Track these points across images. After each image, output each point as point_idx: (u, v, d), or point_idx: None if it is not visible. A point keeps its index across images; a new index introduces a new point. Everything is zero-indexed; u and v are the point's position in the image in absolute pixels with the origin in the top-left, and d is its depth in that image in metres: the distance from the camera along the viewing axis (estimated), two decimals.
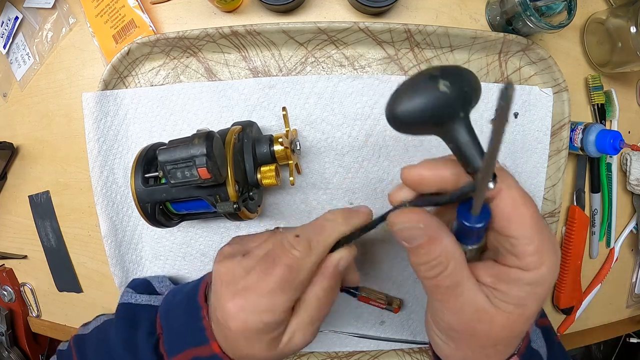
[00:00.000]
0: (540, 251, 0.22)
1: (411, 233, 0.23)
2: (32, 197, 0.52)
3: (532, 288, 0.23)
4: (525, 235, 0.22)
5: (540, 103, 0.46)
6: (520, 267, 0.23)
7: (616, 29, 0.44)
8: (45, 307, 0.55)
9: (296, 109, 0.45)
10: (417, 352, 0.48)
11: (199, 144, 0.32)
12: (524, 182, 0.47)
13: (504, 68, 0.46)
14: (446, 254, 0.23)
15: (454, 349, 0.26)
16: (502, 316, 0.23)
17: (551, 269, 0.23)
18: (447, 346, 0.26)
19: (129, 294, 0.42)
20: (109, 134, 0.46)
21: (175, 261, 0.47)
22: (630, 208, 0.53)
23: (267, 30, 0.42)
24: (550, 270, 0.23)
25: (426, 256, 0.23)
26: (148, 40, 0.43)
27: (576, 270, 0.50)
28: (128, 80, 0.46)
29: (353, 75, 0.45)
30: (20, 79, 0.50)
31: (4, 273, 0.54)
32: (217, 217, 0.44)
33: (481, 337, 0.24)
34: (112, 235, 0.46)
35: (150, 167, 0.38)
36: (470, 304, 0.23)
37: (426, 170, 0.24)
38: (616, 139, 0.43)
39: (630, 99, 0.51)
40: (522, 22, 0.41)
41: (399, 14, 0.46)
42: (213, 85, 0.45)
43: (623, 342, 0.73)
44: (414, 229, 0.23)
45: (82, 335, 0.39)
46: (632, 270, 0.55)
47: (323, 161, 0.45)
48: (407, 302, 0.48)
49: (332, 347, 0.48)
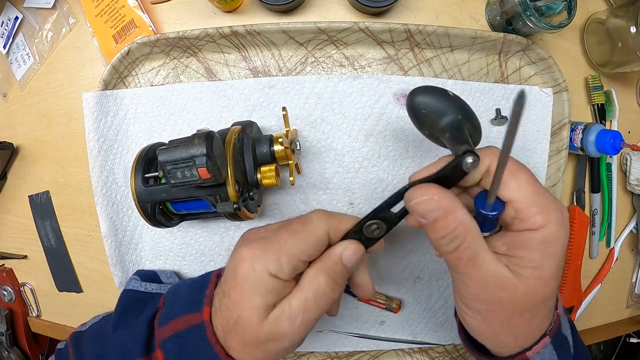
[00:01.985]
0: (544, 210, 0.24)
1: (427, 206, 0.25)
2: (32, 197, 0.52)
3: (545, 247, 0.24)
4: (525, 196, 0.24)
5: (540, 103, 0.46)
6: (528, 228, 0.24)
7: (616, 29, 0.44)
8: (45, 307, 0.55)
9: (296, 109, 0.45)
10: (417, 352, 0.48)
11: (199, 144, 0.32)
12: None
13: (504, 68, 0.46)
14: (463, 226, 0.24)
15: (483, 323, 0.27)
16: (522, 281, 0.25)
17: (559, 224, 0.24)
18: (477, 322, 0.27)
19: (137, 282, 0.42)
20: (109, 134, 0.46)
21: (175, 261, 0.47)
22: (630, 208, 0.53)
23: (267, 30, 0.42)
24: (559, 226, 0.24)
25: (443, 230, 0.25)
26: (148, 40, 0.43)
27: (576, 270, 0.50)
28: (128, 80, 0.46)
29: (353, 75, 0.45)
30: (20, 79, 0.50)
31: (4, 273, 0.54)
32: (217, 217, 0.44)
33: (507, 305, 0.25)
34: (112, 235, 0.46)
35: (150, 167, 0.38)
36: (491, 274, 0.25)
37: (429, 170, 0.27)
38: (616, 139, 0.43)
39: (630, 99, 0.51)
40: (522, 22, 0.41)
41: (399, 14, 0.46)
42: (213, 85, 0.45)
43: (623, 342, 0.73)
44: (429, 201, 0.25)
45: (79, 332, 0.39)
46: (632, 270, 0.55)
47: (323, 161, 0.45)
48: (407, 302, 0.48)
49: (332, 347, 0.48)
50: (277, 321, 0.27)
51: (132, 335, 0.33)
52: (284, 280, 0.28)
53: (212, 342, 0.29)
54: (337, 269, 0.28)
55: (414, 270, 0.47)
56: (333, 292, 0.28)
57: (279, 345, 0.28)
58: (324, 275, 0.28)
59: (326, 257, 0.29)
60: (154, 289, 0.42)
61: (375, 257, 0.47)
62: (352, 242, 0.29)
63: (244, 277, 0.27)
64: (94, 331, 0.38)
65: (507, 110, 0.46)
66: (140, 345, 0.32)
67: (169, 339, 0.31)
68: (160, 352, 0.31)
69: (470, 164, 0.24)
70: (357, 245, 0.29)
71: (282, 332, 0.27)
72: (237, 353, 0.29)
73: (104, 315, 0.40)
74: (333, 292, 0.28)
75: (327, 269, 0.28)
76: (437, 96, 0.30)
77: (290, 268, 0.27)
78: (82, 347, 0.36)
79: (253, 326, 0.27)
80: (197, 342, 0.29)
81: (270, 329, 0.27)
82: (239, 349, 0.28)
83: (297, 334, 0.28)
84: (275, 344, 0.28)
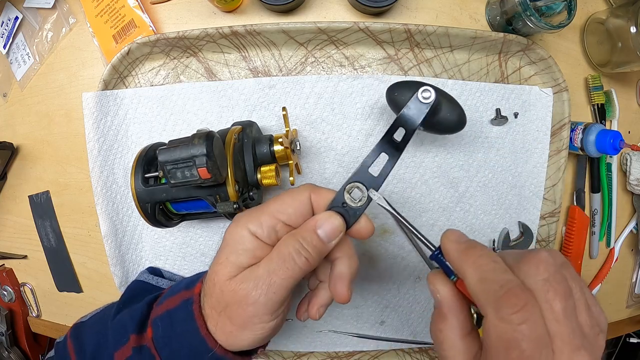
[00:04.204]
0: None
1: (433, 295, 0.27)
2: (32, 197, 0.52)
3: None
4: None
5: (540, 103, 0.46)
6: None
7: (616, 29, 0.44)
8: (45, 307, 0.55)
9: (296, 109, 0.45)
10: (417, 352, 0.48)
11: (199, 144, 0.32)
12: (524, 182, 0.47)
13: (504, 68, 0.46)
14: (447, 337, 0.25)
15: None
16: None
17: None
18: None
19: (147, 275, 0.42)
20: (109, 134, 0.46)
21: (175, 261, 0.47)
22: (630, 208, 0.53)
23: (267, 30, 0.42)
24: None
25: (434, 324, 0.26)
26: (148, 40, 0.43)
27: (576, 271, 0.50)
28: (128, 80, 0.46)
29: (353, 75, 0.45)
30: (20, 79, 0.50)
31: (4, 273, 0.54)
32: (217, 217, 0.44)
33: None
34: (112, 235, 0.46)
35: (150, 167, 0.38)
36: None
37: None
38: (616, 139, 0.43)
39: (630, 99, 0.51)
40: (522, 22, 0.41)
41: (399, 14, 0.46)
42: (213, 85, 0.45)
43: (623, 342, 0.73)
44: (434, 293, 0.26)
45: (80, 323, 0.38)
46: (632, 270, 0.55)
47: (323, 161, 0.45)
48: (407, 302, 0.48)
49: (332, 347, 0.48)
50: (242, 280, 0.27)
51: (131, 313, 0.33)
52: (262, 242, 0.28)
53: (195, 315, 0.29)
54: (309, 236, 0.28)
55: (414, 270, 0.47)
56: (299, 257, 0.27)
57: (242, 312, 0.27)
58: (294, 240, 0.28)
59: (303, 225, 0.29)
60: (164, 284, 0.42)
61: (376, 257, 0.47)
62: (331, 213, 0.28)
63: (228, 235, 0.29)
64: (94, 320, 0.38)
65: (507, 110, 0.46)
66: (137, 322, 0.32)
67: (160, 316, 0.31)
68: (150, 329, 0.31)
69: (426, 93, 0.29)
70: (334, 217, 0.28)
71: (245, 293, 0.27)
72: (211, 322, 0.29)
73: (105, 306, 0.40)
74: (299, 258, 0.27)
75: (297, 235, 0.28)
76: (406, 83, 0.38)
77: (268, 228, 0.28)
78: (82, 337, 0.36)
79: (221, 282, 0.27)
80: (183, 317, 0.29)
81: (235, 287, 0.27)
82: (210, 315, 0.28)
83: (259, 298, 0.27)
84: (239, 309, 0.27)
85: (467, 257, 0.24)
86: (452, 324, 0.25)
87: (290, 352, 0.48)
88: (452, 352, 0.25)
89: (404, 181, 0.46)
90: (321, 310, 0.32)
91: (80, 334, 0.36)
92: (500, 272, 0.23)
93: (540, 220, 0.47)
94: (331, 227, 0.28)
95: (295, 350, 0.48)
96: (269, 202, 0.29)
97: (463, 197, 0.46)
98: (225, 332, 0.28)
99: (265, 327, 0.28)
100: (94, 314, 0.39)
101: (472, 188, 0.46)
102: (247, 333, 0.28)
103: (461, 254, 0.25)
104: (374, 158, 0.29)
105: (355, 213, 0.29)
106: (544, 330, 0.21)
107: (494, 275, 0.22)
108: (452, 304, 0.25)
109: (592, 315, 0.23)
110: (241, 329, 0.28)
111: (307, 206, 0.29)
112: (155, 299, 0.34)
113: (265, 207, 0.29)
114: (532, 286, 0.22)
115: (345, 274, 0.30)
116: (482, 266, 0.23)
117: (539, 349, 0.20)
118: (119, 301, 0.38)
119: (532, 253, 0.23)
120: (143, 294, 0.38)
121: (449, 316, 0.25)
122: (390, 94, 0.39)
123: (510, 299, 0.21)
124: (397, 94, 0.38)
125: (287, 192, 0.30)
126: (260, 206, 0.29)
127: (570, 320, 0.21)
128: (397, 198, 0.46)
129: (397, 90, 0.39)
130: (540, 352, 0.20)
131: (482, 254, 0.24)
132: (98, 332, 0.35)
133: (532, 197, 0.47)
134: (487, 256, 0.24)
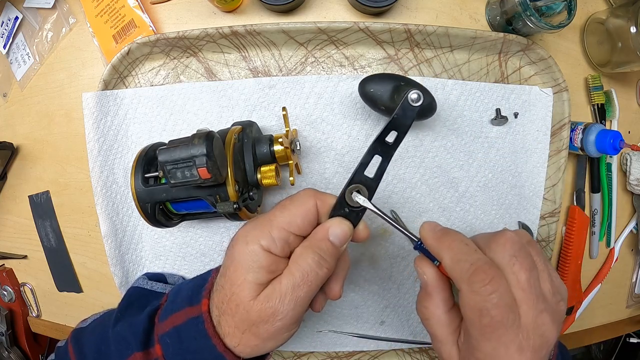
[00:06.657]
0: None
1: (420, 277, 0.30)
2: (32, 197, 0.52)
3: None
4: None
5: (540, 103, 0.46)
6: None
7: (616, 29, 0.44)
8: (45, 307, 0.55)
9: (296, 109, 0.45)
10: (417, 352, 0.48)
11: (199, 144, 0.32)
12: (524, 182, 0.47)
13: (504, 68, 0.46)
14: (432, 313, 0.29)
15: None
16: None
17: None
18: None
19: (144, 280, 0.42)
20: (109, 134, 0.46)
21: (175, 261, 0.47)
22: (630, 208, 0.53)
23: (267, 30, 0.42)
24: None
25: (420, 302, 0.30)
26: (148, 40, 0.43)
27: (576, 270, 0.50)
28: (128, 80, 0.46)
29: (353, 75, 0.45)
30: (20, 79, 0.50)
31: (4, 273, 0.54)
32: (217, 217, 0.44)
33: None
34: (112, 235, 0.46)
35: (150, 167, 0.38)
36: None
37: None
38: (616, 139, 0.43)
39: (630, 99, 0.51)
40: (522, 22, 0.41)
41: (399, 14, 0.46)
42: (213, 85, 0.45)
43: (623, 342, 0.73)
44: (421, 275, 0.30)
45: (80, 329, 0.39)
46: (632, 270, 0.55)
47: (323, 161, 0.45)
48: (407, 302, 0.48)
49: (332, 347, 0.48)
50: (267, 299, 0.27)
51: (132, 328, 0.33)
52: (276, 256, 0.28)
53: (209, 333, 0.29)
54: (324, 245, 0.28)
55: (414, 270, 0.47)
56: (320, 269, 0.28)
57: (270, 328, 0.27)
58: (311, 252, 0.28)
59: (313, 234, 0.29)
60: (160, 288, 0.42)
61: (376, 257, 0.47)
62: (340, 219, 0.29)
63: (238, 254, 0.28)
64: (95, 326, 0.38)
65: (507, 110, 0.46)
66: (140, 339, 0.32)
67: (167, 333, 0.31)
68: (159, 346, 0.31)
69: (414, 96, 0.29)
70: (343, 222, 0.29)
71: (273, 310, 0.27)
72: (232, 340, 0.28)
73: (105, 311, 0.40)
74: (321, 270, 0.28)
75: (313, 246, 0.28)
76: (379, 76, 0.40)
77: (281, 241, 0.28)
78: (83, 342, 0.36)
79: (245, 303, 0.27)
80: (195, 335, 0.29)
81: (261, 307, 0.27)
82: (232, 334, 0.28)
83: (288, 314, 0.27)
84: (266, 325, 0.27)
85: (442, 243, 0.28)
86: (436, 301, 0.29)
87: (290, 352, 0.48)
88: (438, 326, 0.29)
89: (404, 181, 0.46)
90: (323, 303, 0.33)
91: (80, 340, 0.37)
92: (471, 253, 0.26)
93: (540, 220, 0.47)
94: (342, 232, 0.29)
95: (295, 350, 0.48)
96: (274, 213, 0.29)
97: (463, 197, 0.46)
98: (249, 345, 0.28)
99: (290, 334, 0.30)
100: (94, 320, 0.39)
101: (472, 188, 0.46)
102: (272, 343, 0.29)
103: (436, 240, 0.28)
104: (369, 159, 0.30)
105: (356, 215, 0.30)
106: (510, 298, 0.24)
107: (466, 256, 0.26)
108: (435, 283, 0.29)
109: (554, 284, 0.27)
110: (267, 341, 0.28)
111: (315, 214, 0.29)
112: (156, 311, 0.34)
113: (273, 219, 0.28)
114: (500, 262, 0.26)
115: (340, 274, 0.32)
116: (454, 249, 0.27)
117: (506, 314, 0.24)
118: (117, 309, 0.38)
119: (499, 233, 0.27)
120: (140, 299, 0.38)
121: (434, 294, 0.29)
122: (363, 89, 0.41)
123: (479, 274, 0.25)
124: (372, 90, 0.40)
125: (292, 201, 0.29)
126: (266, 219, 0.29)
127: (534, 288, 0.25)
128: (397, 198, 0.46)
129: (371, 86, 0.40)
130: (508, 316, 0.24)
131: (454, 238, 0.28)
132: (99, 338, 0.36)
133: (532, 197, 0.47)
134: (459, 240, 0.28)
